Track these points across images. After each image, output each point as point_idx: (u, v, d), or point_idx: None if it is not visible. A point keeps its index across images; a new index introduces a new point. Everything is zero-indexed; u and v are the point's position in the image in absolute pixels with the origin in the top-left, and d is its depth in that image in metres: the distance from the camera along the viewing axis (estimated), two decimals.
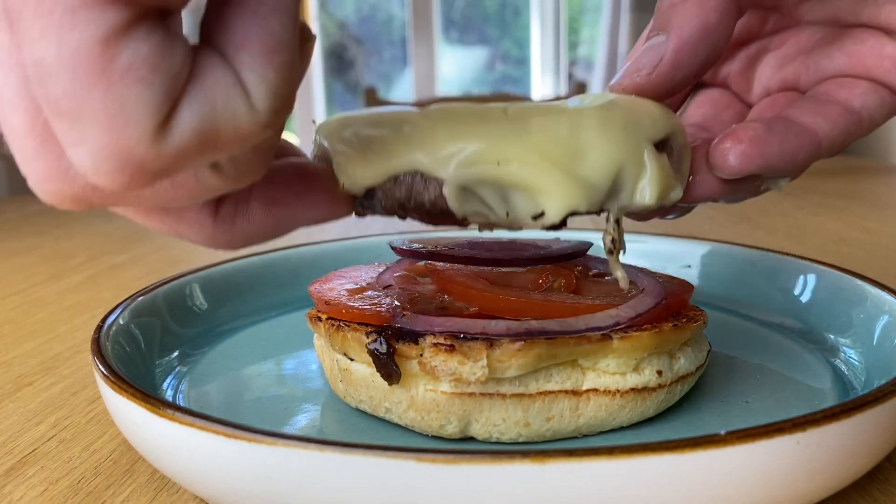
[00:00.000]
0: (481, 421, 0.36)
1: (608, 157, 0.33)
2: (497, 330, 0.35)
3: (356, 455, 0.26)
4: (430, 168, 0.33)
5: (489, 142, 0.33)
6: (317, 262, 0.58)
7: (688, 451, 0.26)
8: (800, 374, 0.43)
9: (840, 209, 1.06)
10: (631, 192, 0.35)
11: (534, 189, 0.33)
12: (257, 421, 0.38)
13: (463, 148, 0.33)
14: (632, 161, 0.34)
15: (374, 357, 0.36)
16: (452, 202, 0.33)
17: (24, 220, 1.15)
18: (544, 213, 0.33)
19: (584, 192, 0.33)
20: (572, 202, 0.33)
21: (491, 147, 0.33)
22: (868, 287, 0.46)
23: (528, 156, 0.32)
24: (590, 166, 0.33)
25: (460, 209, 0.34)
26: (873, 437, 0.30)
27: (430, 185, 0.34)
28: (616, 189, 0.34)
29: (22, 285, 0.74)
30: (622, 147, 0.34)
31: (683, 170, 0.38)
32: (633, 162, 0.34)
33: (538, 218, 0.33)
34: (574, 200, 0.33)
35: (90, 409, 0.44)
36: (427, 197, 0.34)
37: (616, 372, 0.36)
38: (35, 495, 0.35)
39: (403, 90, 4.02)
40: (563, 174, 0.33)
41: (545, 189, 0.32)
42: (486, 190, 0.33)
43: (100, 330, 0.40)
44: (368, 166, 0.34)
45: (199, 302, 0.52)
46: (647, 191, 0.34)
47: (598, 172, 0.33)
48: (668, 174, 0.35)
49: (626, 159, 0.34)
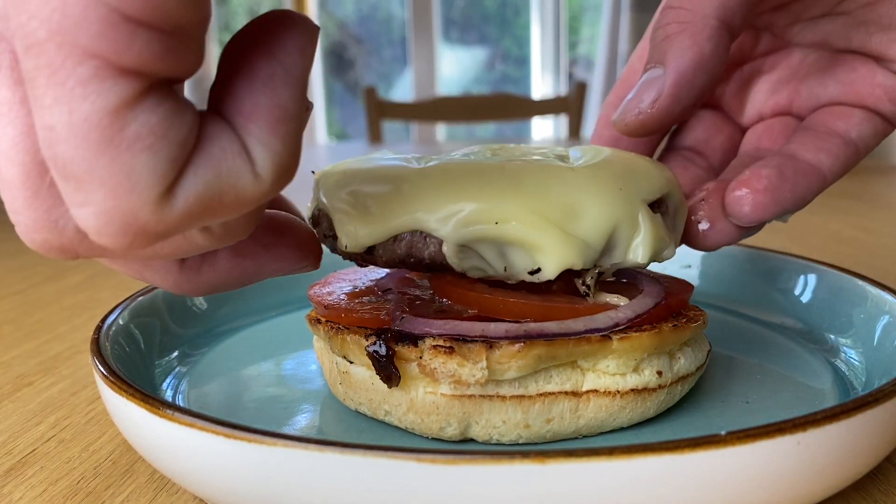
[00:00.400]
0: (481, 423, 0.36)
1: (603, 218, 0.35)
2: (496, 332, 0.35)
3: (356, 455, 0.26)
4: (431, 228, 0.34)
5: (488, 202, 0.34)
6: None
7: (688, 451, 0.26)
8: (800, 375, 0.43)
9: (840, 209, 1.06)
10: (624, 250, 0.36)
11: (531, 247, 0.34)
12: (257, 421, 0.38)
13: (462, 208, 0.34)
14: (626, 221, 0.35)
15: (373, 360, 0.36)
16: (452, 259, 0.35)
17: None
18: (541, 270, 0.34)
19: (580, 251, 0.34)
20: (568, 260, 0.34)
21: (489, 207, 0.34)
22: (868, 287, 0.46)
23: (525, 216, 0.34)
24: (586, 226, 0.34)
25: (459, 265, 0.35)
26: (874, 437, 0.30)
27: (429, 243, 0.35)
28: (610, 247, 0.36)
29: (22, 285, 0.74)
30: (617, 207, 0.35)
31: (678, 227, 0.40)
32: (628, 222, 0.35)
33: (535, 273, 0.35)
34: (570, 259, 0.34)
35: (90, 410, 0.44)
36: (427, 253, 0.35)
37: (616, 373, 0.36)
38: (35, 496, 0.35)
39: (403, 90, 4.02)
40: (559, 234, 0.34)
41: (542, 247, 0.34)
42: (484, 247, 0.35)
43: (99, 330, 0.40)
44: (369, 226, 0.35)
45: (198, 302, 0.52)
46: (640, 250, 0.36)
47: (593, 232, 0.35)
48: (661, 234, 0.37)
49: (620, 219, 0.35)
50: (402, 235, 0.35)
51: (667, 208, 0.38)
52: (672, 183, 0.39)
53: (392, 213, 0.35)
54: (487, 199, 0.34)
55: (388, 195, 0.35)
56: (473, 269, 0.35)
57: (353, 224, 0.36)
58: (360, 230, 0.36)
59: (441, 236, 0.34)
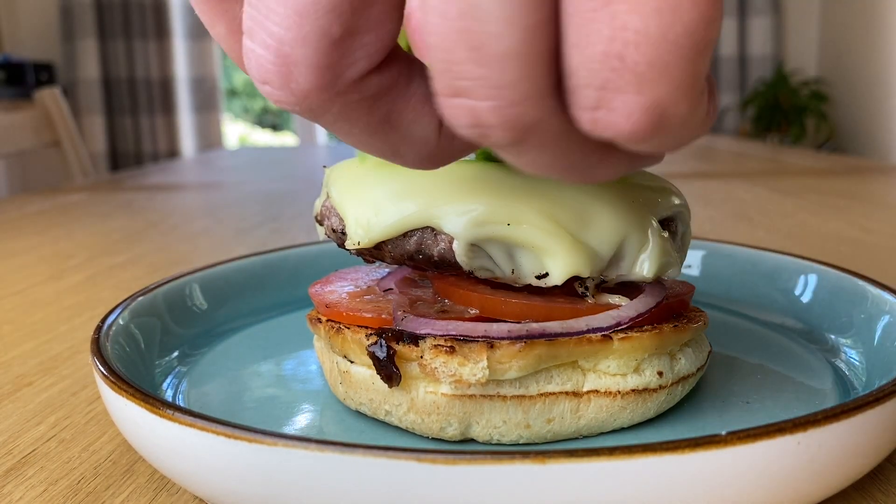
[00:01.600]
0: (482, 423, 0.36)
1: (615, 229, 0.35)
2: (499, 333, 0.35)
3: (356, 455, 0.26)
4: (442, 226, 0.34)
5: (501, 202, 0.34)
6: (316, 263, 0.58)
7: (688, 451, 0.26)
8: (800, 375, 0.43)
9: (840, 209, 1.06)
10: (632, 262, 0.36)
11: (541, 251, 0.34)
12: (257, 421, 0.38)
13: (475, 207, 0.34)
14: (637, 234, 0.35)
15: (374, 359, 0.36)
16: (461, 257, 0.35)
17: (24, 219, 1.15)
18: (548, 275, 0.34)
19: (589, 260, 0.34)
20: (576, 268, 0.34)
21: (502, 208, 0.34)
22: (869, 287, 0.46)
23: (538, 219, 0.34)
24: (597, 235, 0.35)
25: (468, 264, 0.35)
26: (874, 437, 0.30)
27: (440, 240, 0.35)
28: (618, 258, 0.36)
29: (21, 285, 0.74)
30: (630, 220, 0.35)
31: (684, 249, 0.40)
32: (638, 235, 0.36)
33: (542, 278, 0.35)
34: (578, 266, 0.34)
35: (90, 410, 0.44)
36: (436, 250, 0.35)
37: (617, 373, 0.36)
38: (35, 496, 0.35)
39: None
40: (570, 240, 0.34)
41: (552, 252, 0.34)
42: (493, 247, 0.35)
43: (99, 330, 0.40)
44: (381, 224, 0.35)
45: (198, 302, 0.52)
46: (647, 265, 0.36)
47: (604, 242, 0.35)
48: (669, 250, 0.37)
49: (631, 231, 0.35)
50: (413, 232, 0.35)
51: (675, 228, 0.39)
52: (684, 205, 0.39)
53: (405, 210, 0.35)
54: (501, 199, 0.34)
55: (400, 191, 0.35)
56: (481, 270, 0.35)
57: (366, 221, 0.36)
58: (372, 227, 0.35)
59: (452, 234, 0.34)
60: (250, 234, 0.97)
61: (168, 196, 1.41)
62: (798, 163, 1.70)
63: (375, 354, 0.35)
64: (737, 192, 1.23)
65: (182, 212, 1.23)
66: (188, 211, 1.25)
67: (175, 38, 4.27)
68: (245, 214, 1.15)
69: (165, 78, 4.27)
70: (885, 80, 3.85)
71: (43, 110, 1.97)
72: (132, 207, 1.25)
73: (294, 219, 1.09)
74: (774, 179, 1.40)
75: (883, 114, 3.90)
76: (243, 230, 1.01)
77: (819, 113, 4.26)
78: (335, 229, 0.38)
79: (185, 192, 1.49)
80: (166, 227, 1.06)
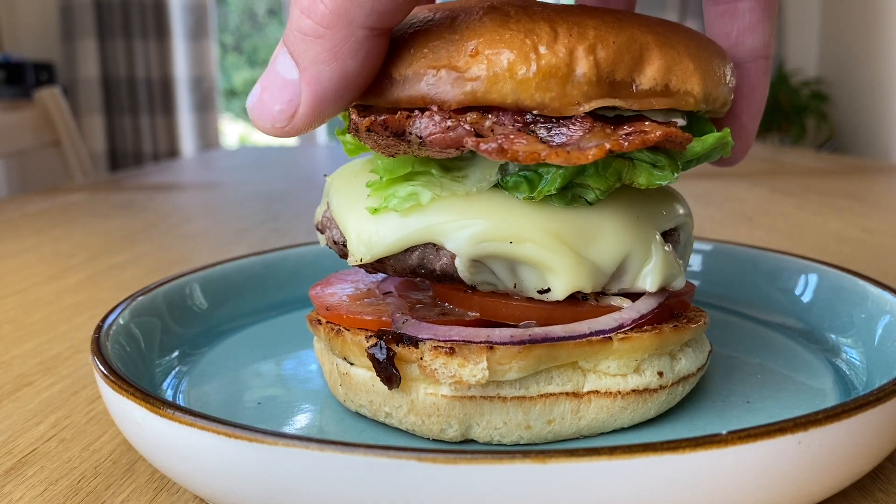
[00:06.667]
0: (482, 424, 0.36)
1: (618, 245, 0.35)
2: (501, 338, 0.35)
3: (357, 455, 0.26)
4: (444, 243, 0.34)
5: (503, 219, 0.34)
6: (316, 263, 0.58)
7: (689, 451, 0.26)
8: (801, 374, 0.43)
9: (840, 209, 1.06)
10: (634, 277, 0.36)
11: (543, 268, 0.34)
12: (257, 421, 0.38)
13: (477, 223, 0.34)
14: (640, 249, 0.35)
15: (373, 361, 0.36)
16: (463, 273, 0.35)
17: (24, 220, 1.15)
18: (550, 290, 0.35)
19: (591, 276, 0.34)
20: (579, 284, 0.34)
21: (505, 225, 0.34)
22: (869, 287, 0.46)
23: (540, 236, 0.34)
24: (600, 251, 0.35)
25: (470, 279, 0.35)
26: (875, 436, 0.29)
27: (441, 256, 0.35)
28: (620, 272, 0.36)
29: (22, 285, 0.74)
30: (632, 235, 0.35)
31: (686, 259, 0.40)
32: (641, 250, 0.36)
33: (544, 293, 0.35)
34: (580, 282, 0.34)
35: (90, 409, 0.44)
36: (438, 265, 0.35)
37: (617, 373, 0.36)
38: (35, 495, 0.34)
39: None
40: (573, 257, 0.34)
41: (554, 269, 0.34)
42: (496, 263, 0.35)
43: (100, 330, 0.40)
44: (383, 241, 0.35)
45: (198, 302, 0.52)
46: (650, 279, 0.36)
47: (606, 258, 0.35)
48: (672, 263, 0.37)
49: (634, 247, 0.35)
50: (415, 247, 0.35)
51: (678, 238, 0.39)
52: (686, 215, 0.39)
53: (408, 226, 0.35)
54: (503, 216, 0.34)
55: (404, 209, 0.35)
56: (483, 284, 0.36)
57: (366, 236, 0.36)
58: (375, 242, 0.35)
59: (454, 251, 0.34)
60: (250, 234, 0.97)
61: (168, 196, 1.41)
62: (798, 163, 1.70)
63: (375, 356, 0.35)
64: (737, 192, 1.23)
65: (182, 212, 1.23)
66: (188, 211, 1.25)
67: (175, 38, 4.26)
68: (245, 214, 1.15)
69: (165, 78, 4.27)
70: (885, 80, 3.85)
71: (43, 110, 1.97)
72: (132, 207, 1.25)
73: (294, 219, 1.09)
74: (775, 179, 1.40)
75: (883, 114, 3.90)
76: (243, 230, 1.01)
77: (819, 113, 4.26)
78: (336, 241, 0.38)
79: (184, 192, 1.49)
80: (166, 227, 1.06)
